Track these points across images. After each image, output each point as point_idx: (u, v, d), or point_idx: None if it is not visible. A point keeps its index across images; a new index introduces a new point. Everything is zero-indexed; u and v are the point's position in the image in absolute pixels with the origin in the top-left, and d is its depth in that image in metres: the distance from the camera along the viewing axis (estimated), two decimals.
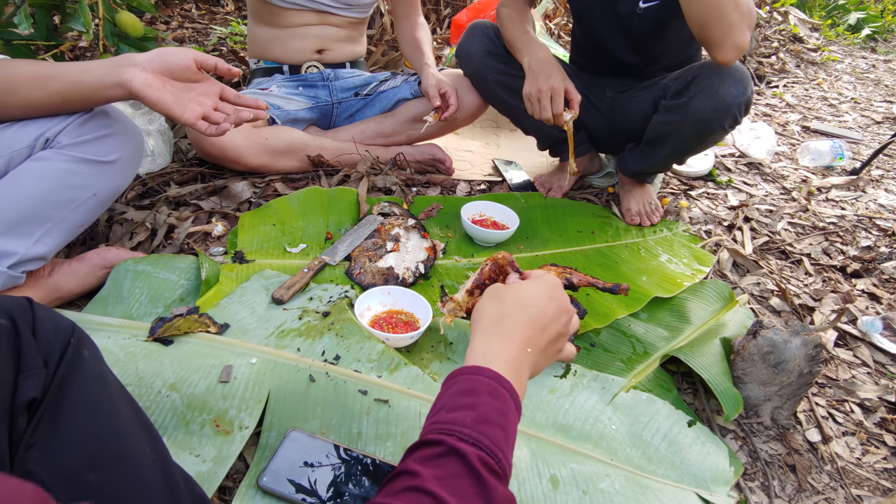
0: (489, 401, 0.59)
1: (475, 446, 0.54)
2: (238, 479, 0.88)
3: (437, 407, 0.60)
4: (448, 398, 0.60)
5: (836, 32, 5.00)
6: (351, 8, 1.75)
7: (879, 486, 1.05)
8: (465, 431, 0.55)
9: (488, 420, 0.57)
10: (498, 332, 0.68)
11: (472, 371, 0.62)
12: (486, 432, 0.56)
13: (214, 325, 1.10)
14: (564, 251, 1.54)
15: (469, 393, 0.59)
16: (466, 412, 0.57)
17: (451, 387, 0.61)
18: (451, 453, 0.53)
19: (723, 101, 1.38)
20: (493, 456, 0.54)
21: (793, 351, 1.09)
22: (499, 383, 0.61)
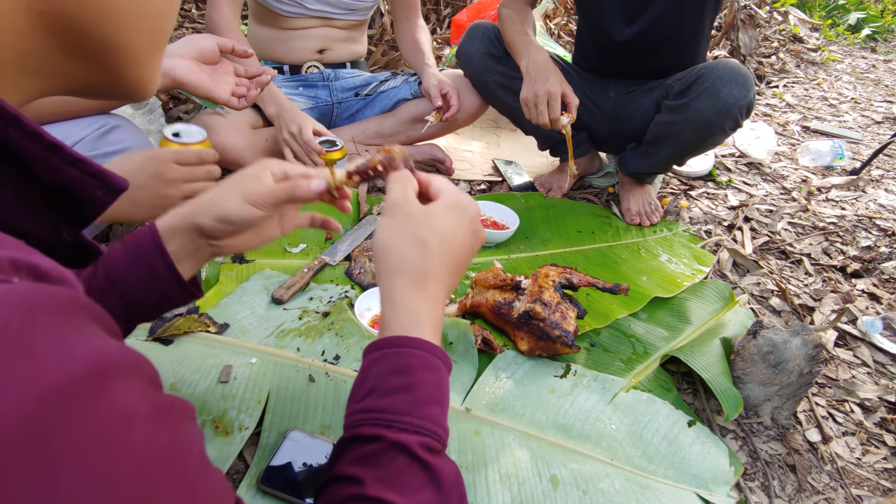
0: (425, 377, 0.52)
1: (417, 433, 0.49)
2: (238, 479, 0.88)
3: (365, 388, 0.52)
4: (379, 378, 0.52)
5: (836, 32, 5.00)
6: (353, 12, 1.75)
7: (879, 486, 1.05)
8: (405, 420, 0.49)
9: (427, 399, 0.51)
10: (424, 294, 0.57)
11: (401, 343, 0.54)
12: (426, 414, 0.50)
13: (214, 324, 1.10)
14: (564, 251, 1.54)
15: (402, 371, 0.52)
16: (403, 396, 0.51)
17: (379, 362, 0.53)
18: (394, 448, 0.48)
19: (724, 103, 1.38)
20: (434, 436, 0.50)
21: (793, 351, 1.09)
22: (432, 353, 0.54)
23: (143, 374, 0.29)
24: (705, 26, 1.63)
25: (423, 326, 0.55)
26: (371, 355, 0.54)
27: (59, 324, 0.25)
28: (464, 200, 0.63)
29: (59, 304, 0.26)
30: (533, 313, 1.11)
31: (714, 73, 1.40)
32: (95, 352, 0.26)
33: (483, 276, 1.22)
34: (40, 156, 0.32)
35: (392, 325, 0.56)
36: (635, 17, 1.57)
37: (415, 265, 0.57)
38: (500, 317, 1.18)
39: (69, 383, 0.23)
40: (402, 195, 0.61)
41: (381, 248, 0.59)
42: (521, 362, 1.14)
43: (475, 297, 1.23)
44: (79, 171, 0.34)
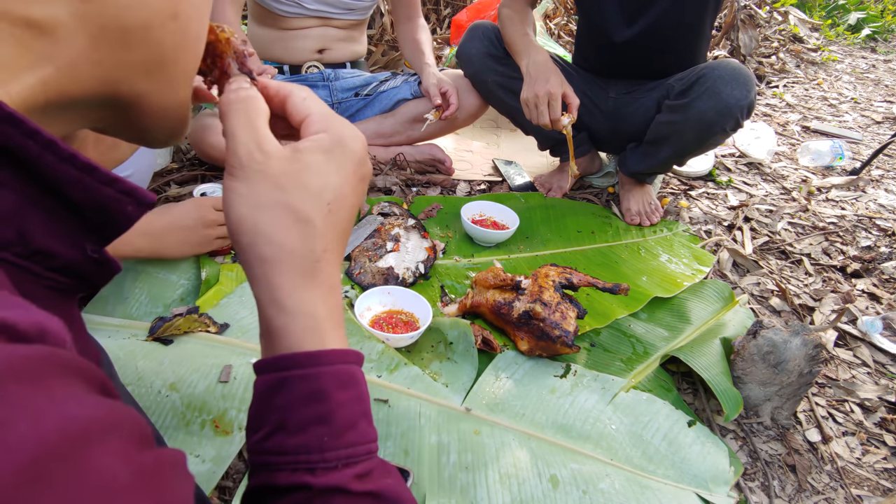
0: (342, 396, 0.42)
1: (347, 465, 0.41)
2: (238, 478, 0.88)
3: (270, 421, 0.42)
4: (286, 410, 0.41)
5: (836, 32, 5.00)
6: (352, 12, 1.76)
7: (879, 486, 1.05)
8: (327, 457, 0.40)
9: (349, 422, 0.42)
10: (317, 288, 0.43)
11: (304, 362, 0.42)
12: (351, 440, 0.42)
13: (214, 324, 1.10)
14: (564, 251, 1.54)
15: (314, 398, 0.41)
16: (320, 429, 0.41)
17: (282, 390, 0.42)
18: (325, 493, 0.40)
19: (725, 103, 1.38)
20: (367, 457, 0.42)
21: (793, 351, 1.09)
22: (343, 361, 0.43)
23: (126, 432, 0.26)
24: (706, 26, 1.63)
25: (326, 331, 0.43)
26: (266, 377, 0.42)
27: (28, 392, 0.23)
28: (344, 134, 0.44)
29: (29, 368, 0.24)
30: (533, 313, 1.11)
31: (715, 73, 1.40)
32: (69, 418, 0.24)
33: (483, 276, 1.22)
34: (75, 177, 0.33)
35: (285, 336, 0.42)
36: (636, 17, 1.57)
37: (299, 252, 0.42)
38: (500, 317, 1.18)
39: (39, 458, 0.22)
40: (252, 139, 0.42)
41: (243, 230, 0.41)
42: (521, 362, 1.14)
43: (475, 297, 1.23)
44: (113, 190, 0.35)
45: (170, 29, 0.35)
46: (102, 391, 0.29)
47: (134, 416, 0.28)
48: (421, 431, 0.97)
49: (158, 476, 0.27)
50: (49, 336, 0.27)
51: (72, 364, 0.27)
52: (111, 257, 0.38)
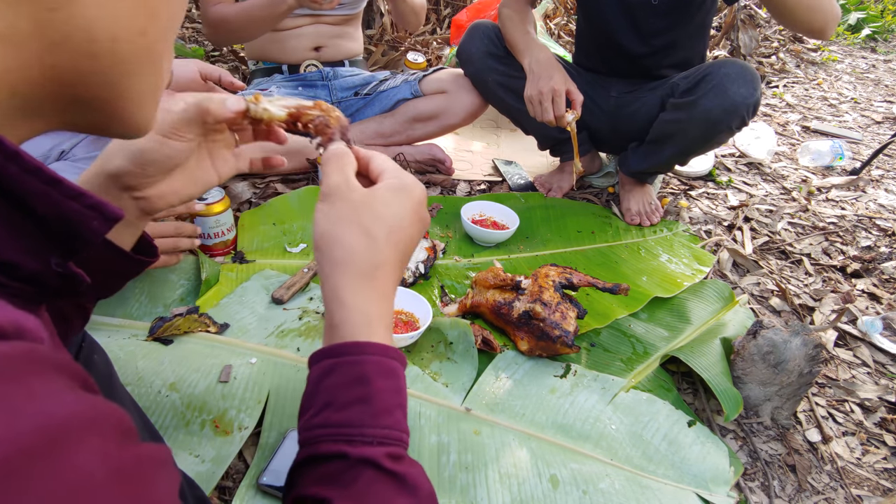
0: (383, 384, 0.49)
1: (381, 444, 0.47)
2: (238, 478, 0.88)
3: (319, 401, 0.49)
4: (333, 391, 0.49)
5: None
6: (342, 6, 1.76)
7: (879, 486, 1.05)
8: (366, 432, 0.47)
9: (387, 407, 0.49)
10: (374, 291, 0.53)
11: (354, 350, 0.50)
12: (388, 423, 0.48)
13: (214, 324, 1.10)
14: (564, 251, 1.54)
15: (358, 382, 0.49)
16: (361, 407, 0.48)
17: (331, 373, 0.50)
18: (358, 464, 0.45)
19: (732, 101, 1.38)
20: (399, 443, 0.48)
21: (793, 351, 1.09)
22: (387, 356, 0.51)
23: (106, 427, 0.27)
24: (707, 27, 1.64)
25: (375, 327, 0.51)
26: (321, 364, 0.50)
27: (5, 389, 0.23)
28: (408, 182, 0.57)
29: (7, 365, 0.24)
30: (533, 313, 1.11)
31: (722, 70, 1.40)
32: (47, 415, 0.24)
33: (483, 276, 1.22)
34: (39, 190, 0.33)
35: (341, 328, 0.51)
36: (651, 39, 1.60)
37: (362, 258, 0.52)
38: (500, 317, 1.18)
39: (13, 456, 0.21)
40: (342, 178, 0.56)
41: (323, 239, 0.53)
42: (521, 362, 1.14)
43: (475, 297, 1.23)
44: (78, 204, 0.35)
45: (138, 44, 0.35)
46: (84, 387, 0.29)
47: (115, 412, 0.28)
48: (421, 431, 0.97)
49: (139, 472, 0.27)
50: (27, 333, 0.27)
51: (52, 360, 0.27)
52: (77, 271, 0.38)
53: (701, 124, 1.45)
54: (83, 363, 0.62)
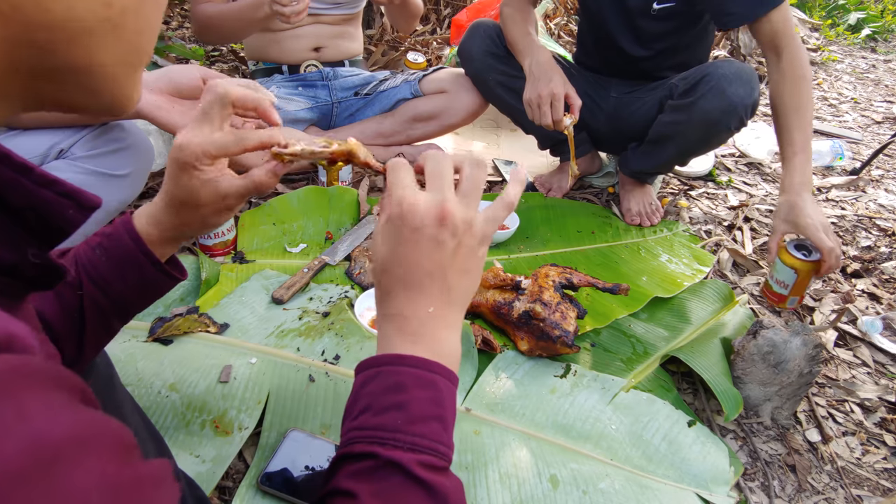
0: (419, 394, 0.50)
1: (412, 450, 0.47)
2: (238, 479, 0.88)
3: (359, 406, 0.51)
4: (372, 396, 0.50)
5: (836, 32, 5.00)
6: (340, 6, 1.76)
7: (879, 486, 1.05)
8: (398, 437, 0.48)
9: (422, 416, 0.49)
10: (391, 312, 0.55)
11: (395, 361, 0.52)
12: (421, 431, 0.48)
13: (214, 324, 1.10)
14: (564, 251, 1.54)
15: (395, 389, 0.50)
16: (396, 413, 0.49)
17: (372, 381, 0.51)
18: (388, 465, 0.46)
19: (730, 101, 1.38)
20: (434, 453, 0.48)
21: (793, 351, 1.09)
22: (426, 369, 0.52)
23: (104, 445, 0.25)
24: (710, 33, 1.64)
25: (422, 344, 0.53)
26: (364, 373, 0.52)
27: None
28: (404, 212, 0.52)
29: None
30: (533, 313, 1.11)
31: (719, 71, 1.40)
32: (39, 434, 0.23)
33: (483, 276, 1.22)
34: (9, 178, 0.31)
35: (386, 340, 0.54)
36: (650, 43, 1.60)
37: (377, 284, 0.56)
38: (500, 317, 1.18)
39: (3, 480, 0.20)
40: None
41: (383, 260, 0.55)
42: (521, 362, 1.14)
43: (475, 297, 1.23)
44: (51, 192, 0.33)
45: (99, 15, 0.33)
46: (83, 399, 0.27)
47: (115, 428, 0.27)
48: None
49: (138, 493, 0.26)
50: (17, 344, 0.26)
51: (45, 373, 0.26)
52: (57, 262, 0.37)
53: (700, 125, 1.46)
54: None
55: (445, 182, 0.53)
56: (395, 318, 0.53)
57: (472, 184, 0.54)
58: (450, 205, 0.52)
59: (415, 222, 0.51)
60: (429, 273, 0.52)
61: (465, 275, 0.54)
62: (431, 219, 0.51)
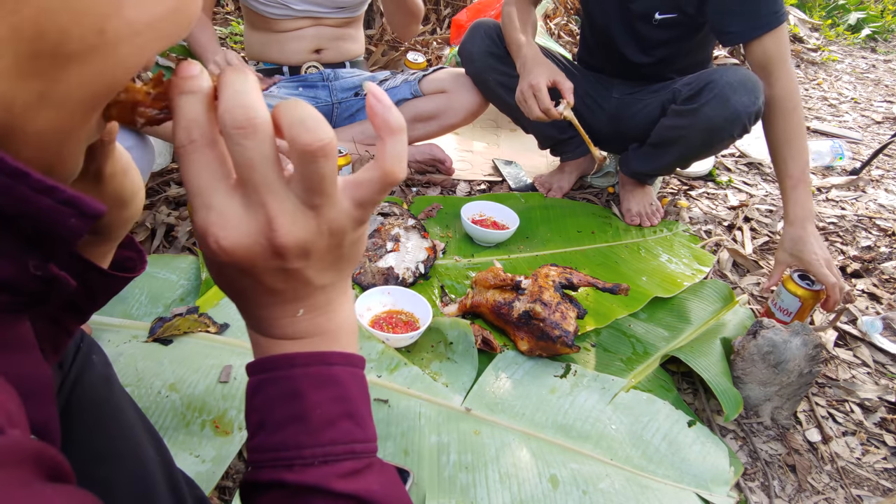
0: (318, 396, 0.42)
1: (325, 462, 0.41)
2: (238, 479, 0.88)
3: (253, 420, 0.43)
4: (265, 408, 0.42)
5: (836, 32, 5.00)
6: (342, 10, 1.76)
7: (879, 486, 1.05)
8: (304, 454, 0.41)
9: (328, 420, 0.42)
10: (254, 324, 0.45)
11: (280, 364, 0.43)
12: (331, 438, 0.42)
13: (214, 324, 1.10)
14: (564, 251, 1.54)
15: (290, 397, 0.42)
16: (296, 426, 0.41)
17: (261, 391, 0.43)
18: (303, 491, 0.40)
19: (734, 109, 1.38)
20: (351, 456, 0.42)
21: (793, 351, 1.09)
22: (321, 363, 0.44)
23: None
24: (712, 38, 1.64)
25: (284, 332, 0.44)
26: (252, 378, 0.44)
27: None
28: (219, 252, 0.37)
29: None
30: (533, 313, 1.11)
31: (724, 79, 1.40)
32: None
33: (483, 276, 1.22)
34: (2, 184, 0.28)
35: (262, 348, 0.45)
36: (652, 50, 1.60)
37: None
38: (500, 317, 1.18)
39: None
40: None
41: None
42: (521, 362, 1.14)
43: (475, 297, 1.23)
44: (50, 199, 0.30)
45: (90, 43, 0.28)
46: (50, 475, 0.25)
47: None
48: (421, 431, 0.97)
49: None
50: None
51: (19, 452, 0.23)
52: (60, 274, 0.33)
53: (702, 132, 1.46)
54: (81, 364, 0.61)
55: (263, 181, 0.34)
56: (260, 326, 0.43)
57: (311, 182, 0.35)
58: (280, 230, 0.35)
59: (239, 266, 0.37)
60: (284, 292, 0.41)
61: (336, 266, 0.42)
62: (261, 258, 0.37)
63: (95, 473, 0.55)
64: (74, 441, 0.56)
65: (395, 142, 0.36)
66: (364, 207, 0.39)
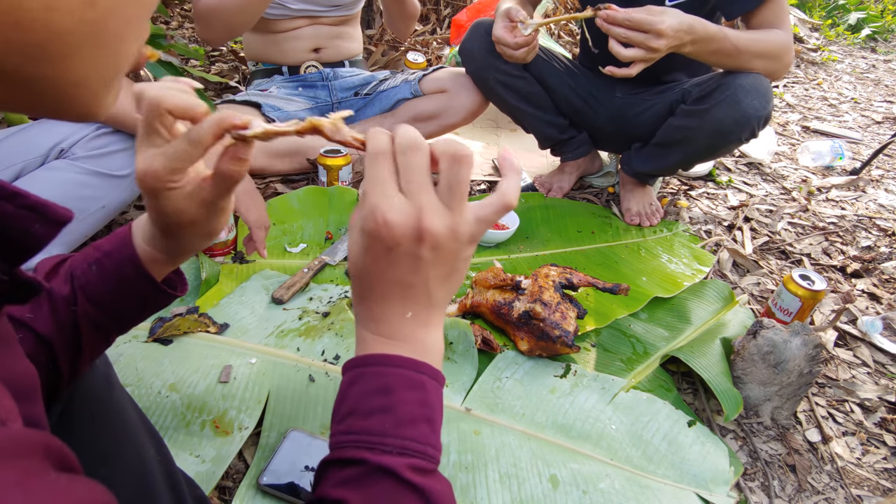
0: (407, 396, 0.49)
1: (402, 454, 0.46)
2: (238, 478, 0.88)
3: (345, 409, 0.49)
4: (357, 398, 0.49)
5: (836, 32, 5.00)
6: (338, 8, 1.76)
7: (879, 486, 1.05)
8: (386, 441, 0.46)
9: (410, 419, 0.48)
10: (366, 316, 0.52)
11: (379, 361, 0.50)
12: (410, 434, 0.47)
13: (214, 324, 1.10)
14: (564, 251, 1.54)
15: (382, 391, 0.49)
16: (383, 416, 0.47)
17: (357, 382, 0.50)
18: (377, 471, 0.45)
19: (744, 113, 1.38)
20: (423, 456, 0.47)
21: (793, 351, 1.09)
22: (413, 369, 0.50)
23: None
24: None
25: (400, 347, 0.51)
26: (350, 373, 0.51)
27: None
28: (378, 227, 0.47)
29: None
30: (533, 313, 1.11)
31: (736, 81, 1.40)
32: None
33: (483, 276, 1.22)
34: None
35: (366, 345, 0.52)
36: None
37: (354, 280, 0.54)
38: (500, 317, 1.18)
39: None
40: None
41: None
42: (521, 362, 1.14)
43: (475, 297, 1.23)
44: (13, 206, 0.30)
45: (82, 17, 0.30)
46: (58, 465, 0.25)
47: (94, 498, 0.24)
48: None
49: None
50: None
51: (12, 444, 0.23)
52: (29, 277, 0.34)
53: (711, 133, 1.46)
54: None
55: (422, 183, 0.46)
56: (370, 322, 0.51)
57: (453, 182, 0.47)
58: (427, 217, 0.46)
59: (389, 241, 0.46)
60: (408, 285, 0.49)
61: (447, 279, 0.51)
62: (407, 238, 0.46)
63: (96, 473, 0.56)
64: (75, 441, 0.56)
65: (516, 178, 0.50)
66: (481, 223, 0.49)
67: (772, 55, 1.37)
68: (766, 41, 1.37)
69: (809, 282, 1.25)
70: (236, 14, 1.49)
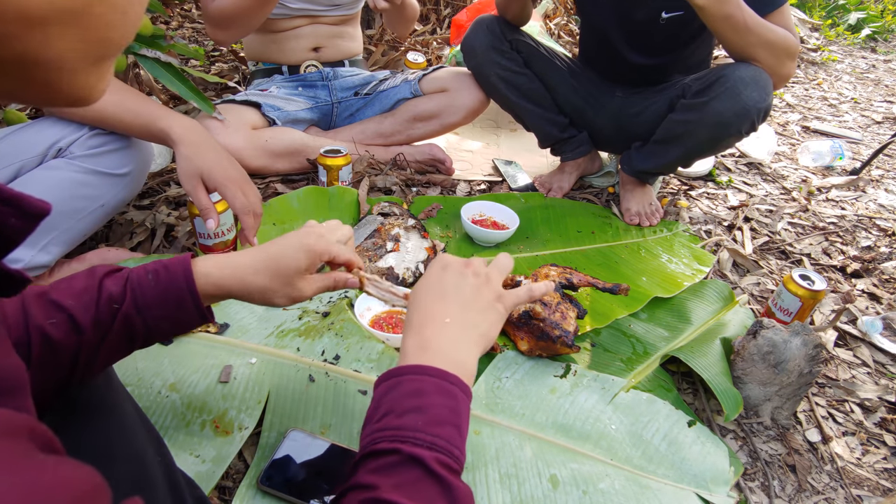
0: (438, 400, 0.56)
1: (431, 449, 0.51)
2: (238, 478, 0.88)
3: (381, 411, 0.55)
4: (394, 401, 0.56)
5: (836, 32, 5.00)
6: (338, 7, 1.76)
7: (879, 486, 1.05)
8: (418, 436, 0.52)
9: (441, 420, 0.54)
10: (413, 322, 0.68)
11: (414, 371, 0.58)
12: (440, 433, 0.53)
13: (214, 324, 1.10)
14: (564, 251, 1.54)
15: (416, 394, 0.56)
16: (416, 416, 0.54)
17: (393, 390, 0.57)
18: (409, 461, 0.50)
19: (744, 105, 1.38)
20: (450, 455, 0.52)
21: (793, 351, 1.09)
22: (445, 380, 0.58)
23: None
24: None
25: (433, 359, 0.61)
26: (385, 383, 0.58)
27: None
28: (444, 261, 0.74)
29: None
30: (533, 313, 1.11)
31: (736, 73, 1.40)
32: None
33: None
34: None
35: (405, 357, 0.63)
36: (649, 54, 1.60)
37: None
38: None
39: None
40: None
41: None
42: (521, 362, 1.14)
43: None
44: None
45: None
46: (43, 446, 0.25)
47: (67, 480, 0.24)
48: None
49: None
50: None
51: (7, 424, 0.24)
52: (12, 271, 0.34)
53: (711, 126, 1.45)
54: None
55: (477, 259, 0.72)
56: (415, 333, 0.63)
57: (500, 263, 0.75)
58: (475, 260, 0.72)
59: (447, 265, 0.71)
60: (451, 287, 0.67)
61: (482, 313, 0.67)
62: (459, 263, 0.71)
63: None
64: (74, 441, 0.56)
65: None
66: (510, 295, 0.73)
67: (776, 48, 1.36)
68: (774, 31, 1.36)
69: (809, 282, 1.25)
70: (250, 17, 1.53)
